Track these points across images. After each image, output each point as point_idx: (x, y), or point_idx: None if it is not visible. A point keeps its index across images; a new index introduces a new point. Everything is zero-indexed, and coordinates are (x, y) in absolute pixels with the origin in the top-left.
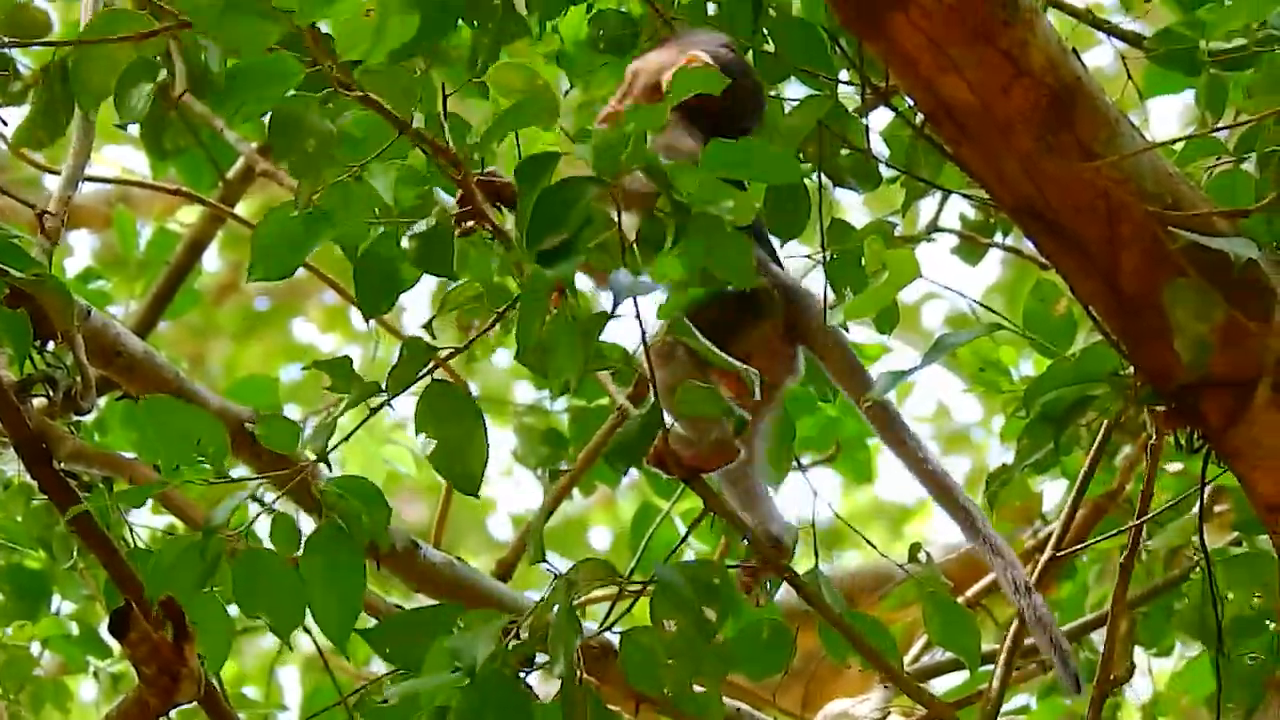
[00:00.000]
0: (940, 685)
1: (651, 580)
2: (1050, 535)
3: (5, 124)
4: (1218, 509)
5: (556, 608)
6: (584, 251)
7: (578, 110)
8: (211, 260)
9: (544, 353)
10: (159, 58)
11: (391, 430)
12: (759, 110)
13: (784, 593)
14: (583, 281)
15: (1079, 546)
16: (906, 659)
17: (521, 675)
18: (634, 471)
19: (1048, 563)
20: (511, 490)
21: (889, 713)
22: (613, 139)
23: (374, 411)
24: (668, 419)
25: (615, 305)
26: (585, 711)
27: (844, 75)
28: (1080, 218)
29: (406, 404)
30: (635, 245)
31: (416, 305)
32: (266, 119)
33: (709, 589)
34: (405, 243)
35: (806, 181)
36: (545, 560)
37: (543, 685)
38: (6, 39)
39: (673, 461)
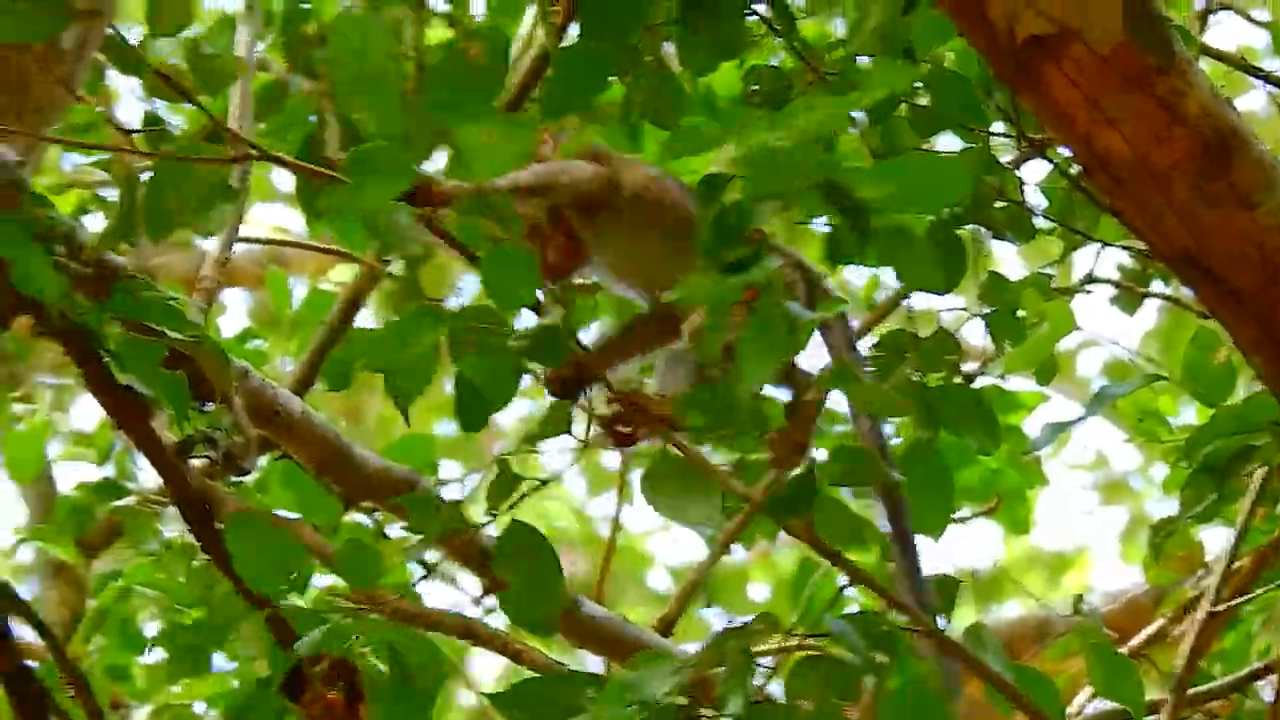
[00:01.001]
0: None
1: (821, 633)
2: (1211, 585)
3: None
4: None
5: (728, 655)
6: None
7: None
8: (366, 318)
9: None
10: (314, 117)
11: (553, 483)
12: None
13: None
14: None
15: (1242, 599)
16: (1070, 710)
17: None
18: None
19: (1210, 615)
20: (670, 544)
21: None
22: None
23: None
24: None
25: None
26: None
27: (998, 127)
28: (1238, 266)
29: (562, 460)
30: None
31: None
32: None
33: (880, 640)
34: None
35: (962, 233)
36: (714, 605)
37: None
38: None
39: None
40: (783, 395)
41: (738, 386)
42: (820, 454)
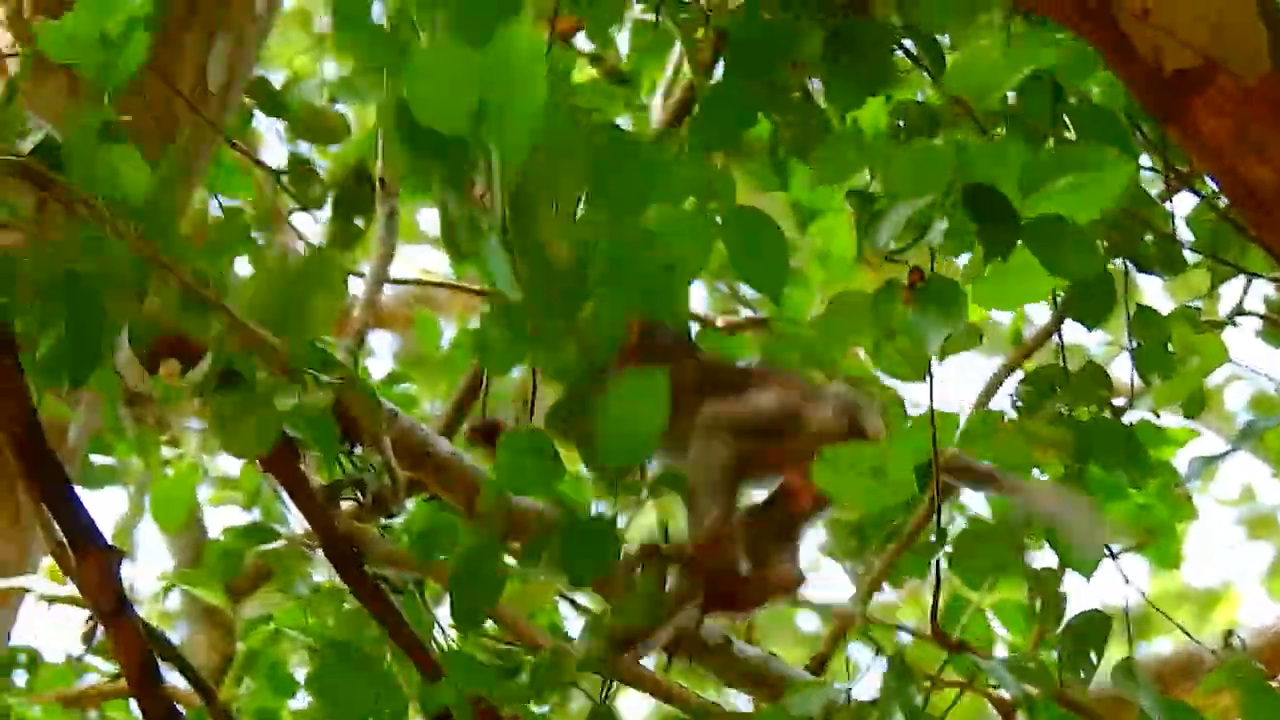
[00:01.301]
0: None
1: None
2: None
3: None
4: None
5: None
6: None
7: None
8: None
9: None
10: None
11: None
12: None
13: (1098, 680)
14: None
15: None
16: None
17: None
18: (944, 564)
19: None
20: (820, 584)
21: None
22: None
23: None
24: None
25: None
26: None
27: (1145, 160)
28: None
29: None
30: None
31: None
32: None
33: (1032, 676)
34: None
35: (1110, 267)
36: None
37: None
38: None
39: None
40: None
41: None
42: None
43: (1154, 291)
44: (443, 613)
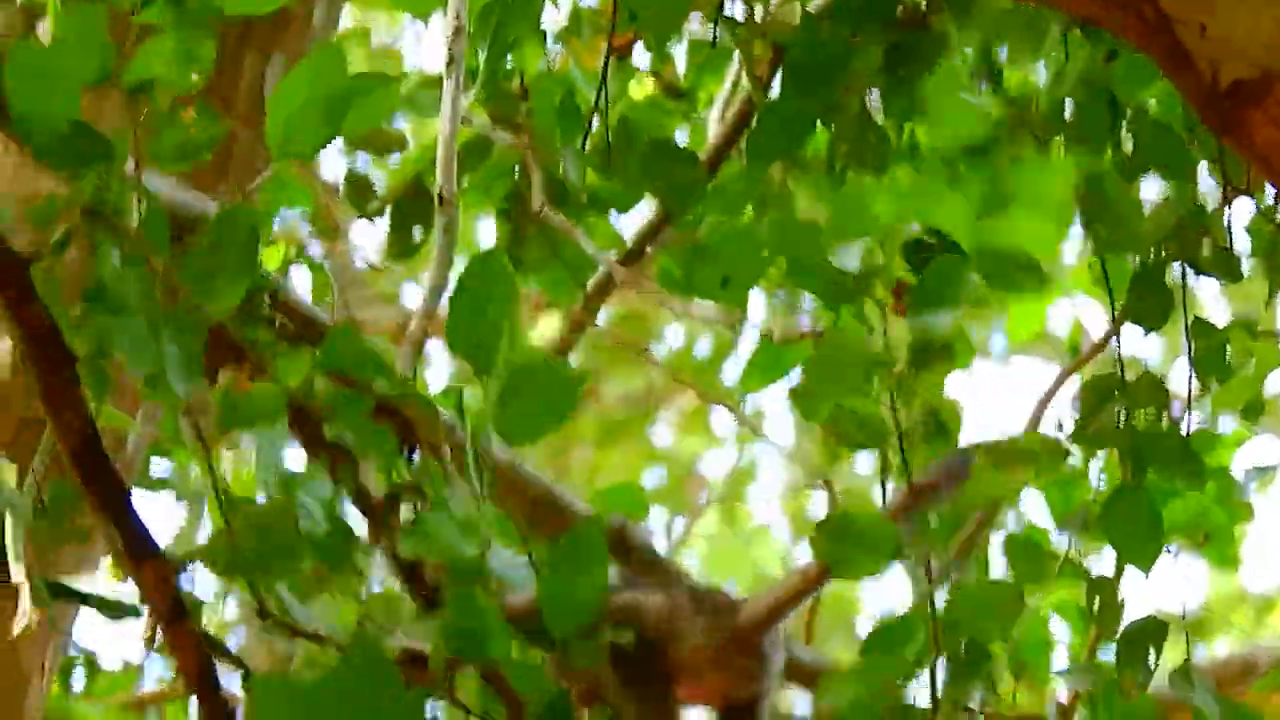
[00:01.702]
0: None
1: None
2: None
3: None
4: None
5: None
6: None
7: None
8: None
9: None
10: (516, 168)
11: (755, 533)
12: None
13: (1156, 681)
14: None
15: None
16: None
17: None
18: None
19: None
20: (876, 589)
21: None
22: None
23: None
24: None
25: None
26: None
27: (1204, 170)
28: None
29: (768, 507)
30: None
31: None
32: None
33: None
34: None
35: (1169, 278)
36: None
37: None
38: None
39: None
40: None
41: None
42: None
43: (1210, 302)
44: None
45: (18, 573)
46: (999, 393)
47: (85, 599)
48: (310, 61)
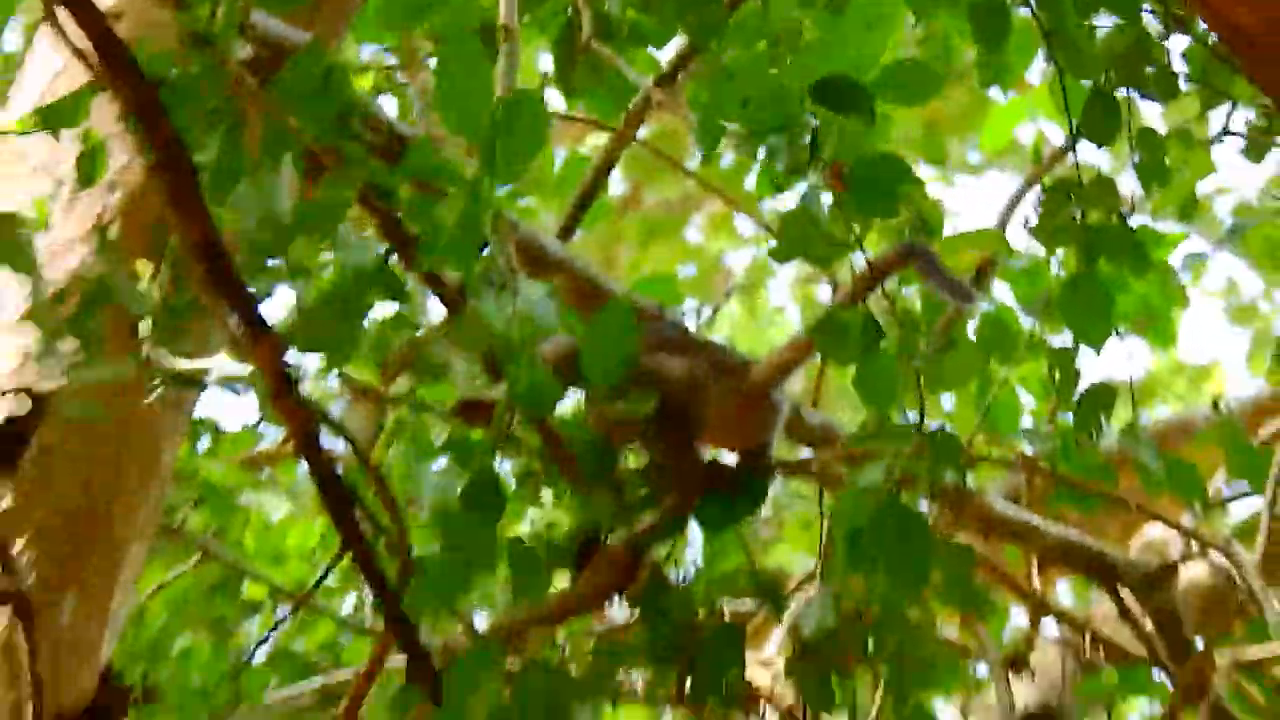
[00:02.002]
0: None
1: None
2: None
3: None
4: None
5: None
6: None
7: None
8: (616, 181)
9: None
10: (568, 10)
11: (774, 314)
12: None
13: (1106, 440)
14: None
15: None
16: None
17: None
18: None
19: None
20: None
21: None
22: None
23: None
24: None
25: None
26: None
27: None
28: None
29: (784, 293)
30: None
31: None
32: None
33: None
34: None
35: (1118, 97)
36: None
37: None
38: None
39: None
40: None
41: None
42: None
43: (1153, 117)
44: None
45: (149, 352)
46: (976, 198)
47: (207, 376)
48: None
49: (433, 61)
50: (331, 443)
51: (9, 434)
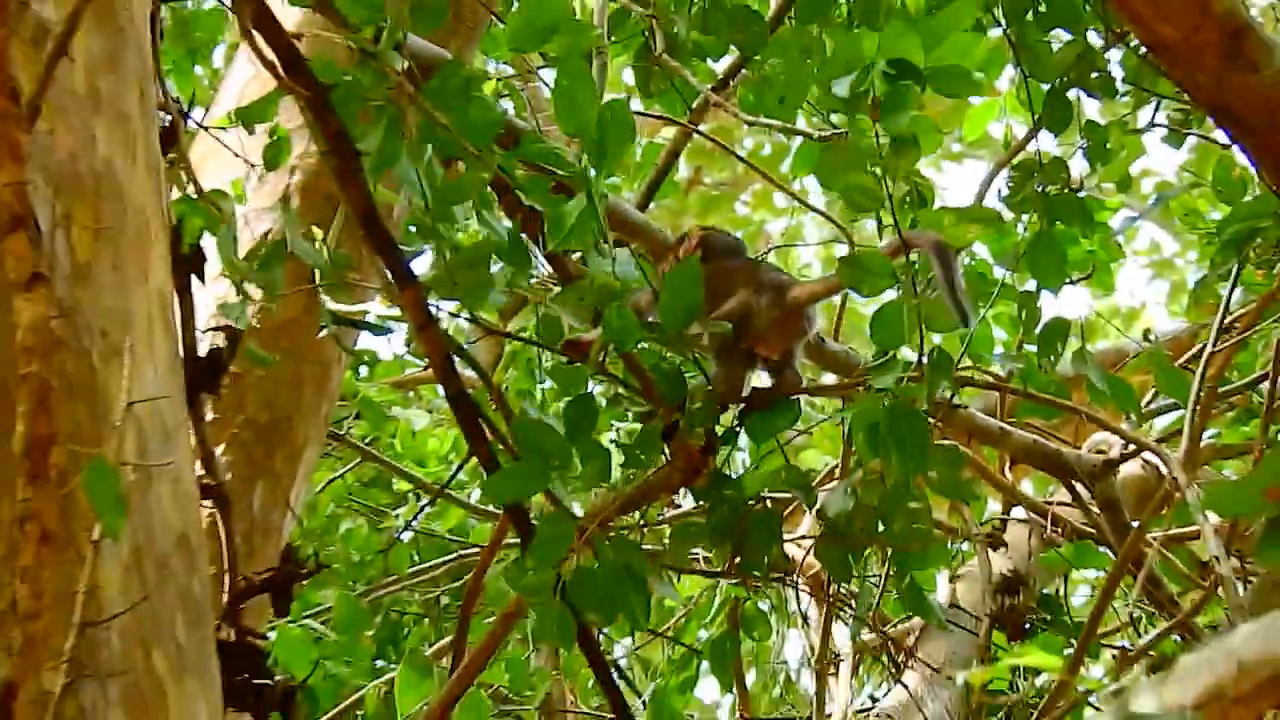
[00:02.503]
0: (1161, 421)
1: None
2: (1226, 321)
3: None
4: None
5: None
6: None
7: None
8: (681, 164)
9: None
10: (644, 32)
11: (803, 269)
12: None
13: (1061, 365)
14: None
15: (1248, 332)
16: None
17: None
18: None
19: (1227, 339)
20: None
21: (1131, 439)
22: None
23: None
24: None
25: None
26: None
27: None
28: (1251, 112)
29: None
30: None
31: None
32: None
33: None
34: None
35: (1069, 97)
36: None
37: None
38: None
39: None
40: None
41: None
42: None
43: (1095, 113)
44: None
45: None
46: (958, 178)
47: (365, 317)
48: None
49: (544, 73)
50: (462, 369)
51: (211, 363)
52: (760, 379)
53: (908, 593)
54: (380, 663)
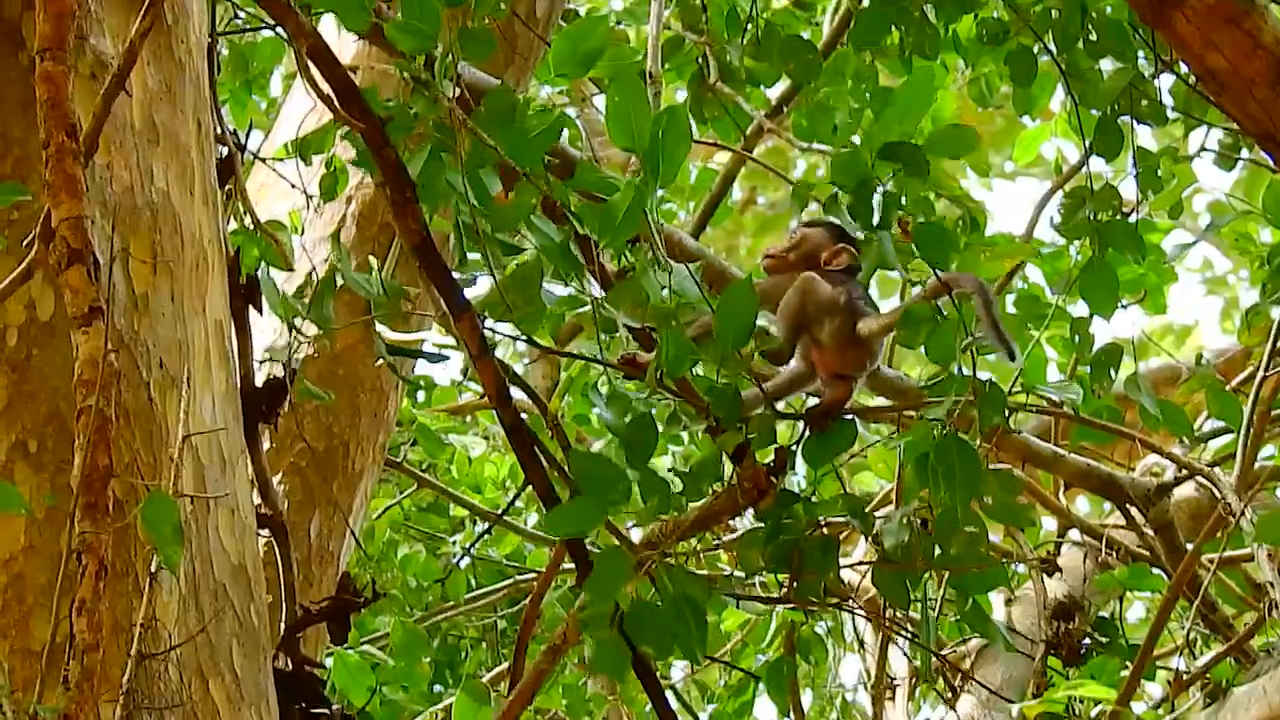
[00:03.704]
0: (1216, 443)
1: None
2: (1266, 351)
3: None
4: None
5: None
6: None
7: None
8: (736, 188)
9: None
10: (698, 60)
11: None
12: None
13: (1115, 387)
14: None
15: None
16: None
17: None
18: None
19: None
20: None
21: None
22: None
23: None
24: None
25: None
26: None
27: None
28: None
29: None
30: None
31: None
32: None
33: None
34: None
35: (1120, 123)
36: None
37: None
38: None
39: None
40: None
41: None
42: None
43: (1145, 139)
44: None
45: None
46: (1010, 199)
47: (421, 345)
48: (580, 24)
49: (597, 100)
50: (518, 394)
51: (269, 393)
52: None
53: (970, 615)
54: (438, 688)
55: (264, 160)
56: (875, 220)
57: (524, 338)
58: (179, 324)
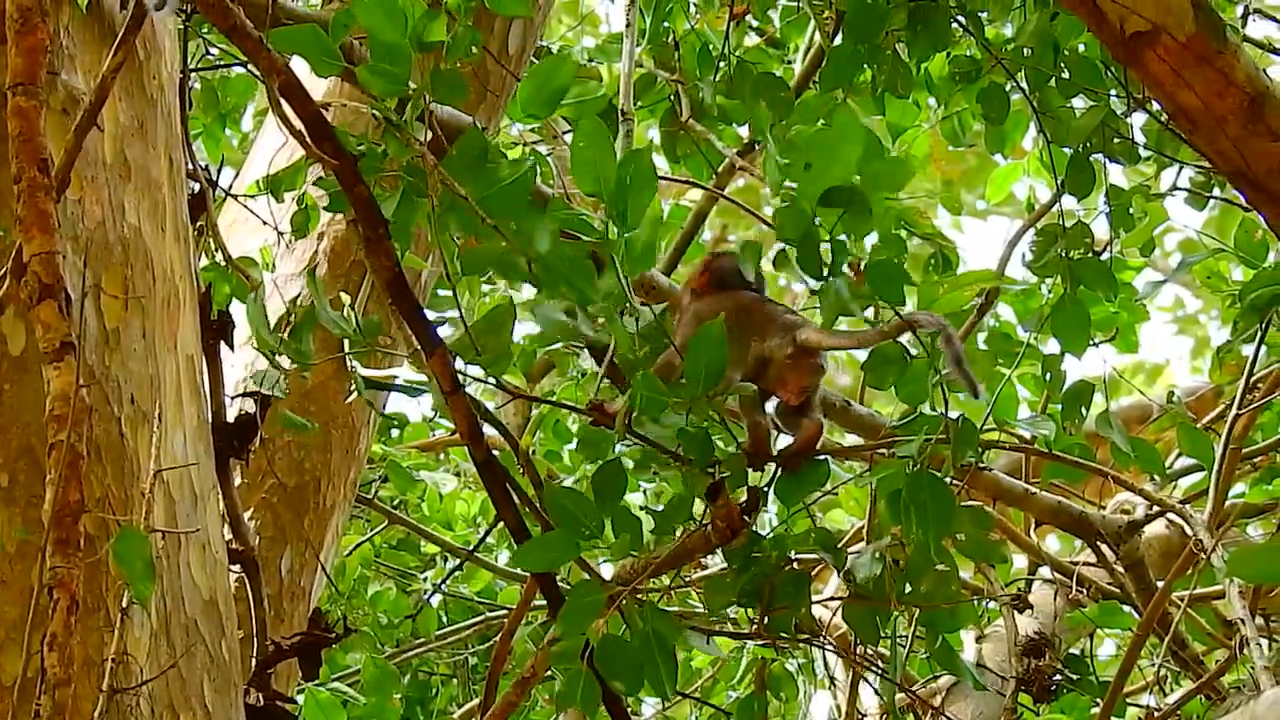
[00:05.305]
0: (1186, 481)
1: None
2: (1252, 381)
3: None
4: None
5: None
6: None
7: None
8: (709, 226)
9: None
10: (671, 97)
11: None
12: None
13: (1086, 425)
14: None
15: (1274, 394)
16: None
17: None
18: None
19: (1251, 399)
20: None
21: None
22: None
23: None
24: None
25: None
26: None
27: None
28: (1271, 178)
29: None
30: None
31: None
32: None
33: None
34: None
35: (1092, 161)
36: None
37: None
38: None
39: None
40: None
41: None
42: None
43: (1117, 177)
44: None
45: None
46: (982, 238)
47: (393, 381)
48: (546, 63)
49: (568, 137)
50: (489, 432)
51: (240, 429)
52: (782, 439)
53: (939, 652)
54: None
55: (236, 196)
56: (825, 271)
57: (493, 380)
58: (150, 359)
